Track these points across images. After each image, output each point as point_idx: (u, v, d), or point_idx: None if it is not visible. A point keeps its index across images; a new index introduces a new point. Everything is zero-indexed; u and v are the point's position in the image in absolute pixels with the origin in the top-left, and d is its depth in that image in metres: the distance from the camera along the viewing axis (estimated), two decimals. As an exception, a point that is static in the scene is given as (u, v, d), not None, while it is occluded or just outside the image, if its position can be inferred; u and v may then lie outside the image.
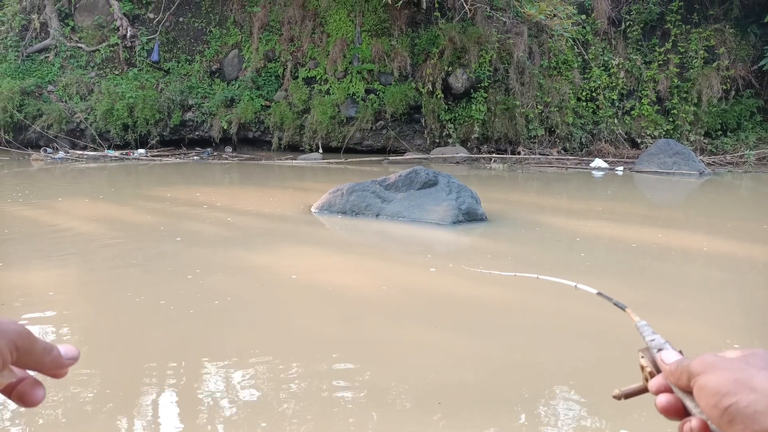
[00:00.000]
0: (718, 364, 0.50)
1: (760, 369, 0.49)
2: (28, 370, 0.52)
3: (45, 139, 13.58)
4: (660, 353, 0.58)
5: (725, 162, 13.02)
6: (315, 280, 4.17)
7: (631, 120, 14.14)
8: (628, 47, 14.38)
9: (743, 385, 0.47)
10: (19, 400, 0.51)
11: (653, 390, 0.57)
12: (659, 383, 0.57)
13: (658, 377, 0.57)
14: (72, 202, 7.22)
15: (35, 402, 0.51)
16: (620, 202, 8.46)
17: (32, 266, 4.38)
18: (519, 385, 2.71)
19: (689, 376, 0.52)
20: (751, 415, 0.46)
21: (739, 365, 0.49)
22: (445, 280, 4.23)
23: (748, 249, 5.34)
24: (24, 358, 0.48)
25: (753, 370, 0.49)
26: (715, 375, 0.49)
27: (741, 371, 0.48)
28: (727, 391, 0.47)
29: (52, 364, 0.51)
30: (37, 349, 0.50)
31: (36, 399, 0.51)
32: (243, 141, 14.31)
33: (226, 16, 14.92)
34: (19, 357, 0.48)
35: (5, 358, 0.46)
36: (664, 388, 0.56)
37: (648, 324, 0.63)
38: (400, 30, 13.93)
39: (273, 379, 2.69)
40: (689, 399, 0.53)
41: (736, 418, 0.46)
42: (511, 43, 13.43)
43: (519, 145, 13.57)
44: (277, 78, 14.32)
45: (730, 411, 0.47)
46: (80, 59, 14.66)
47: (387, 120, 13.67)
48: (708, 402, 0.49)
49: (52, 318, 3.38)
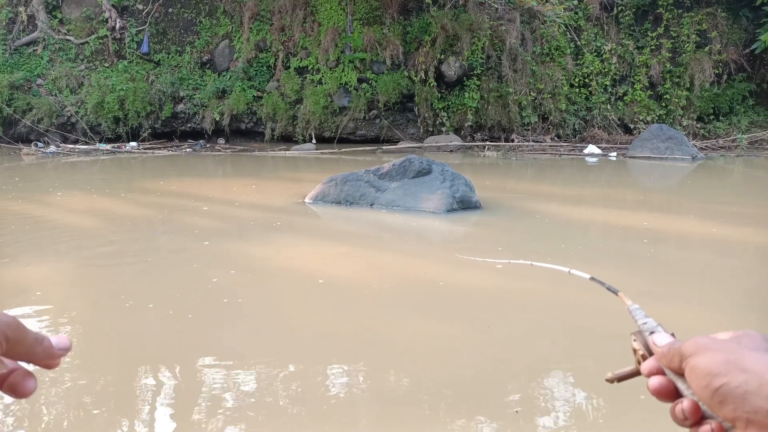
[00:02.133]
0: (709, 345, 0.50)
1: (751, 350, 0.49)
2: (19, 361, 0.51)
3: (35, 133, 13.46)
4: (652, 336, 0.58)
5: (718, 146, 13.06)
6: (310, 270, 4.16)
7: (624, 105, 14.15)
8: (620, 32, 14.35)
9: (734, 365, 0.47)
10: (10, 392, 0.50)
11: (645, 373, 0.57)
12: (651, 366, 0.57)
13: (651, 360, 0.57)
14: (64, 196, 7.18)
15: (27, 393, 0.51)
16: (614, 188, 8.48)
17: (25, 261, 4.36)
18: (516, 374, 2.72)
19: (681, 357, 0.52)
20: (741, 395, 0.46)
21: (731, 346, 0.49)
22: (440, 269, 4.24)
23: (742, 233, 5.36)
24: (14, 348, 0.48)
25: (744, 351, 0.49)
26: (707, 356, 0.49)
27: (732, 352, 0.48)
28: (718, 371, 0.47)
29: (43, 354, 0.51)
30: (28, 339, 0.49)
31: (27, 390, 0.51)
32: (235, 132, 14.25)
33: (216, 6, 14.79)
34: (9, 348, 0.47)
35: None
36: (656, 371, 0.56)
37: (640, 307, 0.63)
38: (391, 18, 13.85)
39: (267, 372, 2.69)
40: (681, 381, 0.53)
41: (727, 399, 0.47)
42: (503, 29, 13.38)
43: (512, 133, 13.56)
44: (269, 68, 14.24)
45: (720, 391, 0.47)
46: (69, 52, 14.52)
47: (380, 109, 13.62)
48: (699, 383, 0.49)
49: (46, 312, 3.37)
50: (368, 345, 3.02)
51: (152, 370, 2.72)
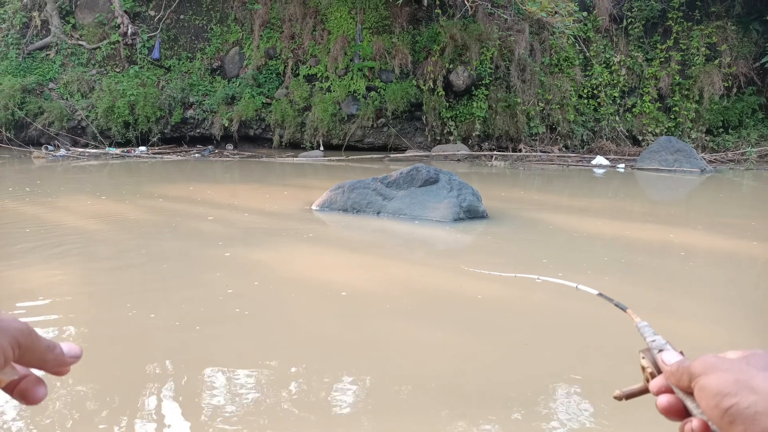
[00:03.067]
0: (718, 365, 0.50)
1: (760, 369, 0.49)
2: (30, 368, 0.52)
3: (46, 136, 13.58)
4: (661, 354, 0.58)
5: (727, 159, 13.00)
6: (316, 277, 4.17)
7: (633, 117, 14.12)
8: (629, 44, 14.35)
9: (744, 386, 0.47)
10: (21, 398, 0.50)
11: (654, 391, 0.57)
12: (660, 384, 0.57)
13: (659, 378, 0.57)
14: (73, 199, 7.23)
15: (37, 400, 0.51)
16: (621, 200, 8.45)
17: (34, 264, 4.39)
18: (519, 383, 2.71)
19: (690, 377, 0.52)
20: (751, 416, 0.46)
21: (740, 366, 0.49)
22: (446, 279, 4.23)
23: (749, 247, 5.33)
24: (26, 355, 0.48)
25: (753, 371, 0.49)
26: (716, 376, 0.49)
27: (742, 372, 0.48)
28: (727, 392, 0.47)
29: (54, 362, 0.51)
30: (40, 346, 0.49)
31: (38, 397, 0.51)
32: (244, 138, 14.32)
33: (227, 13, 14.91)
34: (21, 354, 0.47)
35: (7, 356, 0.46)
36: (665, 389, 0.56)
37: (649, 325, 0.63)
38: (401, 27, 13.91)
39: (273, 378, 2.69)
40: (690, 400, 0.53)
41: (737, 419, 0.46)
42: (512, 40, 13.41)
43: (520, 143, 13.55)
44: (278, 75, 14.31)
45: (730, 412, 0.47)
46: (81, 57, 14.66)
47: (388, 117, 13.66)
48: (708, 403, 0.49)
49: (54, 317, 3.39)
50: (373, 352, 3.02)
51: (158, 377, 2.73)
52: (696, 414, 0.52)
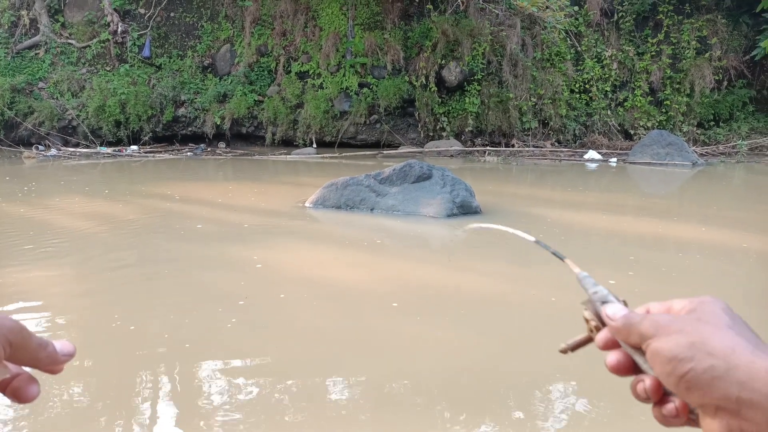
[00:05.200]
0: (670, 325, 0.48)
1: (715, 327, 0.47)
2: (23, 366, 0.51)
3: (36, 136, 13.48)
4: (604, 307, 0.56)
5: (718, 152, 13.07)
6: (310, 275, 4.16)
7: (624, 111, 14.17)
8: (620, 38, 14.39)
9: (699, 349, 0.45)
10: (13, 397, 0.50)
11: (600, 345, 0.56)
12: (606, 338, 0.55)
13: (605, 331, 0.55)
14: (65, 199, 7.18)
15: (30, 398, 0.51)
16: (614, 194, 8.48)
17: (25, 264, 4.36)
18: (517, 381, 2.71)
19: (640, 337, 0.50)
20: (708, 382, 0.44)
21: (694, 326, 0.47)
22: (440, 275, 4.24)
23: (742, 238, 5.36)
24: (18, 353, 0.48)
25: (708, 330, 0.47)
26: (669, 339, 0.47)
27: (696, 333, 0.46)
28: (683, 356, 0.46)
29: (47, 360, 0.51)
30: (32, 344, 0.49)
31: (30, 395, 0.50)
32: (236, 136, 14.27)
33: (218, 10, 14.83)
34: (13, 353, 0.47)
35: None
36: (611, 344, 0.54)
37: (590, 276, 0.61)
38: (392, 23, 13.89)
39: (268, 376, 2.68)
40: (639, 355, 0.51)
41: (695, 385, 0.45)
42: (504, 35, 13.41)
43: (513, 138, 13.58)
44: (270, 73, 14.26)
45: (687, 378, 0.45)
46: (71, 55, 14.55)
47: (381, 114, 13.64)
48: (663, 369, 0.47)
49: (47, 317, 3.37)
50: (368, 349, 3.02)
51: (154, 375, 2.71)
52: (646, 369, 0.51)
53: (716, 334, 0.46)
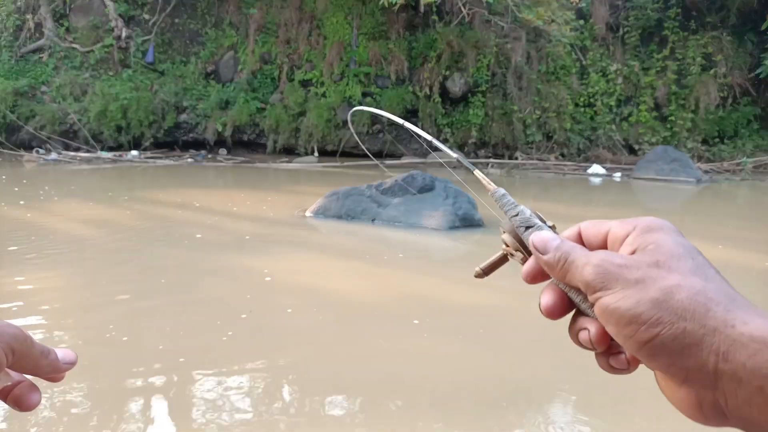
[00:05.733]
0: (625, 275, 0.38)
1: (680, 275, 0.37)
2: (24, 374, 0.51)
3: (38, 140, 13.42)
4: (530, 234, 0.46)
5: (723, 169, 12.98)
6: (310, 285, 4.06)
7: (629, 126, 14.10)
8: (626, 53, 14.35)
9: (666, 308, 0.36)
10: (14, 404, 0.49)
11: (526, 278, 0.46)
12: (534, 270, 0.45)
13: (532, 262, 0.45)
14: (65, 204, 7.09)
15: (31, 406, 0.50)
16: (618, 209, 8.39)
17: (24, 269, 4.26)
18: (515, 392, 2.61)
19: (584, 286, 0.40)
20: (679, 350, 0.36)
21: (653, 274, 0.38)
22: (441, 287, 4.13)
23: (745, 257, 5.27)
24: (20, 361, 0.47)
25: (672, 280, 0.37)
26: (626, 295, 0.37)
27: (659, 285, 0.37)
28: (646, 319, 0.36)
29: (48, 368, 0.50)
30: (34, 352, 0.48)
31: (31, 403, 0.50)
32: (238, 143, 14.20)
33: (222, 17, 14.82)
34: (15, 360, 0.46)
35: (1, 362, 0.44)
36: (539, 275, 0.45)
37: (507, 193, 0.50)
38: (397, 33, 13.86)
39: (265, 385, 2.59)
40: (577, 295, 0.42)
41: (661, 353, 0.36)
42: (509, 47, 13.39)
43: (516, 151, 13.51)
44: (273, 80, 14.23)
45: (653, 344, 0.36)
46: (74, 60, 14.53)
47: (383, 124, 13.58)
48: (621, 331, 0.38)
49: (43, 321, 3.26)
50: (367, 360, 2.91)
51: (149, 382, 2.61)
52: (589, 313, 0.41)
53: (683, 286, 0.37)
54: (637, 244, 0.40)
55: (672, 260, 0.38)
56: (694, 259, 0.39)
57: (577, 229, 0.46)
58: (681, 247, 0.40)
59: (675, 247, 0.39)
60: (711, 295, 0.37)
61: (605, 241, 0.43)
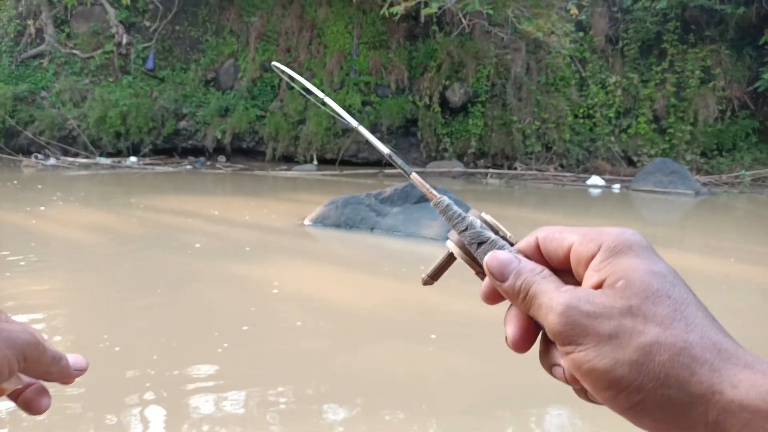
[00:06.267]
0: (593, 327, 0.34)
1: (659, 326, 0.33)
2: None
3: (36, 145, 13.39)
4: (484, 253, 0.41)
5: (721, 182, 12.99)
6: (308, 294, 4.03)
7: (628, 138, 14.12)
8: (625, 65, 14.40)
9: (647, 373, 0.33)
10: (25, 407, 0.50)
11: (485, 299, 0.42)
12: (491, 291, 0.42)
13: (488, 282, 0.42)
14: (62, 209, 7.06)
15: (41, 410, 0.51)
16: (616, 220, 8.37)
17: (20, 274, 4.22)
18: (514, 403, 2.57)
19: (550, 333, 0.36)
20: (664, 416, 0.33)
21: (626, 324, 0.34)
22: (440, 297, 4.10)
23: (744, 270, 5.25)
24: (32, 367, 0.48)
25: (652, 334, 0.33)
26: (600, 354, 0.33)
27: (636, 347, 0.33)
28: (627, 384, 0.33)
29: (59, 374, 0.51)
30: (46, 359, 0.49)
31: (41, 407, 0.51)
32: (237, 151, 14.18)
33: (223, 25, 14.86)
34: (27, 366, 0.47)
35: (12, 368, 0.45)
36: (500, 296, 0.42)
37: (453, 203, 0.45)
38: (397, 43, 13.90)
39: (260, 395, 2.55)
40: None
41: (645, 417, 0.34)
42: (509, 58, 13.43)
43: (515, 161, 13.51)
44: (273, 88, 14.24)
45: (635, 410, 0.33)
46: (74, 66, 14.53)
47: (383, 133, 13.59)
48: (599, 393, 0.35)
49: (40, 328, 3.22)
50: (363, 368, 2.88)
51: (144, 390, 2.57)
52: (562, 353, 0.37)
53: (663, 344, 0.33)
54: (604, 273, 0.36)
55: (647, 304, 0.34)
56: (671, 297, 0.35)
57: (534, 240, 0.42)
58: (655, 280, 0.35)
59: (648, 280, 0.35)
60: (694, 352, 0.33)
61: (567, 258, 0.40)
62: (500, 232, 0.43)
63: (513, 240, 0.43)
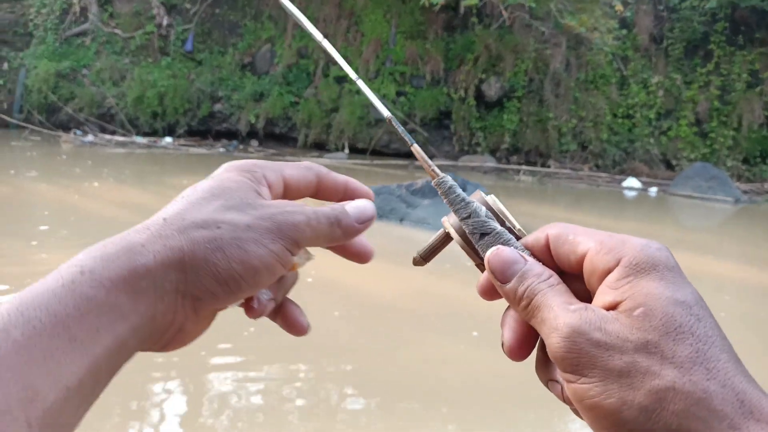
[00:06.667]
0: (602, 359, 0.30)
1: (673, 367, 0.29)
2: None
3: (75, 121, 13.68)
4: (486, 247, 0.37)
5: (763, 190, 12.57)
6: (334, 282, 4.02)
7: (668, 140, 13.75)
8: (668, 66, 14.01)
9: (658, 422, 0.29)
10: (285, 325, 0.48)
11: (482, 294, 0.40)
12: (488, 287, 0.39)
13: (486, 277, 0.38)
14: (97, 185, 7.19)
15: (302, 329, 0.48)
16: (651, 224, 8.17)
17: (51, 246, 4.31)
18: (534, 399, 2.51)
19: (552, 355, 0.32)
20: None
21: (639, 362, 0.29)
22: (466, 292, 4.05)
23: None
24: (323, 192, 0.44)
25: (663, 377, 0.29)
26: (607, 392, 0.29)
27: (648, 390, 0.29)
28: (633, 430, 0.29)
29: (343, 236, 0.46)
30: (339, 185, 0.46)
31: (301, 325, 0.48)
32: (269, 136, 14.27)
33: (262, 10, 14.91)
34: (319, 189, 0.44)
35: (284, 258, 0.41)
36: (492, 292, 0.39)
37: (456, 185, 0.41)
38: (435, 33, 13.76)
39: (281, 382, 2.54)
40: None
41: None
42: (548, 53, 13.18)
43: (549, 159, 13.29)
44: (308, 75, 14.26)
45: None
46: (115, 45, 14.78)
47: (416, 124, 13.51)
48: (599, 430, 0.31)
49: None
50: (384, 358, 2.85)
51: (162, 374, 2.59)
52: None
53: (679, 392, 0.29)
54: (621, 294, 0.32)
55: (667, 340, 0.30)
56: (695, 334, 0.30)
57: (544, 237, 0.38)
58: (679, 312, 0.31)
59: (671, 312, 0.31)
60: (714, 404, 0.29)
61: (579, 265, 0.35)
62: (507, 223, 0.39)
63: (521, 233, 0.39)
